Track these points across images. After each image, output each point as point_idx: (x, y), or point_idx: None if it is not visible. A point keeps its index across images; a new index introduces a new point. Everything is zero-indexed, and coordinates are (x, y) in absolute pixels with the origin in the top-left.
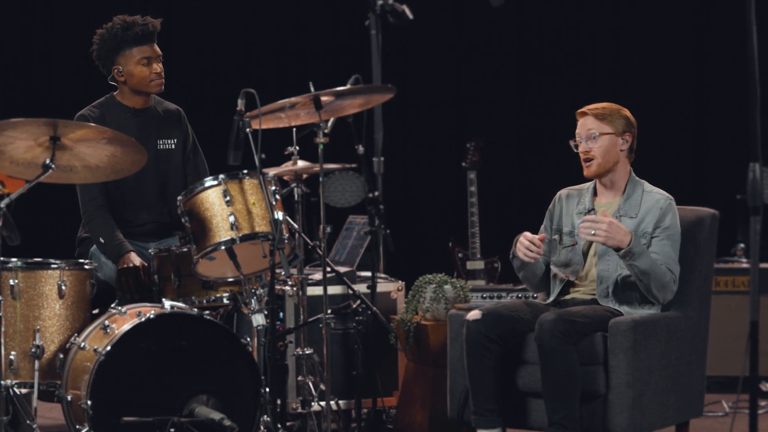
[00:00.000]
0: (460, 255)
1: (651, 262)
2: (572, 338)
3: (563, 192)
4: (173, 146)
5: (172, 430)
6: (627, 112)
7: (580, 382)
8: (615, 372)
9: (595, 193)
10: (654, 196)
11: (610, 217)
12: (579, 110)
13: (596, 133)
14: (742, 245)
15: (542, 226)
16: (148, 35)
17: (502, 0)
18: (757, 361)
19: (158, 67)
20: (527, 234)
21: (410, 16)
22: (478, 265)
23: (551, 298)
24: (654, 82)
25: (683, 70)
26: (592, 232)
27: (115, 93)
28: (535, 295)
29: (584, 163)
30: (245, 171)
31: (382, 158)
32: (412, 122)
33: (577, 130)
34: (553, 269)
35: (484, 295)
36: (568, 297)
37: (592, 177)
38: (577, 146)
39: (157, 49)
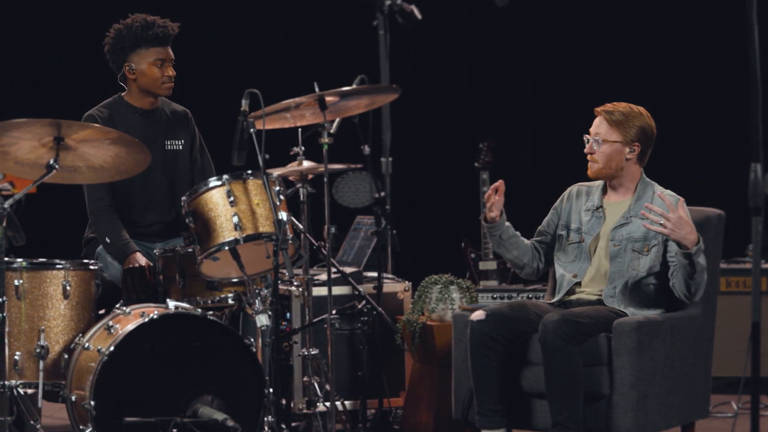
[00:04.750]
0: (472, 255)
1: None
2: (576, 339)
3: (574, 188)
4: (180, 147)
5: (174, 430)
6: (644, 120)
7: (584, 382)
8: (619, 373)
9: (604, 192)
10: (665, 198)
11: (683, 215)
12: (597, 108)
13: (601, 139)
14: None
15: (545, 220)
16: (166, 37)
17: (506, 0)
18: (758, 361)
19: (171, 70)
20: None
21: (419, 16)
22: (491, 265)
23: (557, 298)
24: (667, 83)
25: (696, 70)
26: (661, 221)
27: (123, 93)
28: (541, 296)
29: (588, 162)
30: (249, 171)
31: (390, 158)
32: (425, 123)
33: (591, 128)
34: (559, 269)
35: (495, 296)
36: (573, 297)
37: (592, 178)
38: (588, 140)
39: (171, 52)
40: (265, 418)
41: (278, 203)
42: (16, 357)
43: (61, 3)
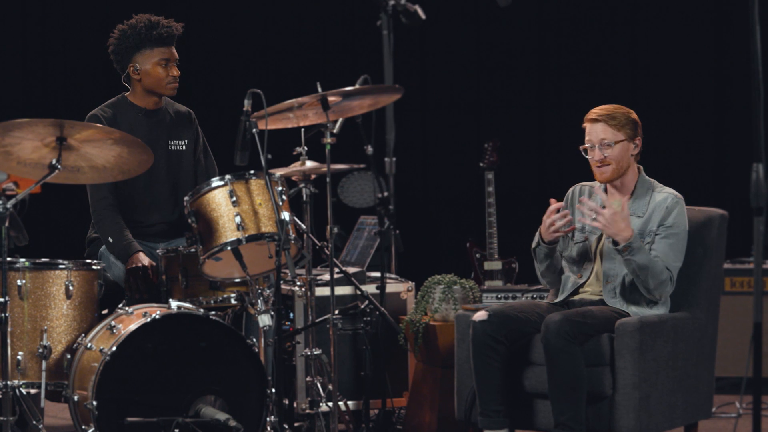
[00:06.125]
0: (477, 255)
1: (649, 258)
2: (578, 339)
3: (576, 188)
4: (184, 147)
5: (176, 430)
6: (634, 115)
7: (586, 383)
8: (621, 373)
9: (606, 192)
10: (662, 195)
11: (620, 210)
12: (589, 116)
13: (611, 141)
14: None
15: None
16: (170, 37)
17: (509, 0)
18: (760, 362)
19: (175, 70)
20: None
21: (422, 16)
22: (496, 265)
23: (560, 298)
24: (673, 83)
25: (702, 70)
26: (594, 216)
27: (127, 93)
28: (545, 296)
29: (597, 169)
30: (252, 171)
31: (393, 159)
32: (430, 123)
33: (587, 137)
34: (565, 269)
35: (499, 296)
36: (576, 297)
37: (607, 182)
38: (586, 151)
39: (176, 53)
40: (268, 419)
41: (281, 203)
42: (19, 357)
43: (64, 3)
